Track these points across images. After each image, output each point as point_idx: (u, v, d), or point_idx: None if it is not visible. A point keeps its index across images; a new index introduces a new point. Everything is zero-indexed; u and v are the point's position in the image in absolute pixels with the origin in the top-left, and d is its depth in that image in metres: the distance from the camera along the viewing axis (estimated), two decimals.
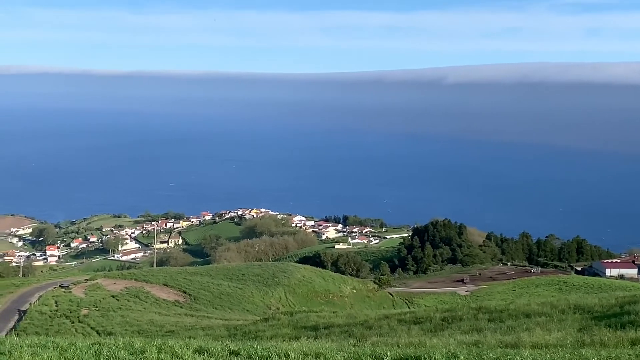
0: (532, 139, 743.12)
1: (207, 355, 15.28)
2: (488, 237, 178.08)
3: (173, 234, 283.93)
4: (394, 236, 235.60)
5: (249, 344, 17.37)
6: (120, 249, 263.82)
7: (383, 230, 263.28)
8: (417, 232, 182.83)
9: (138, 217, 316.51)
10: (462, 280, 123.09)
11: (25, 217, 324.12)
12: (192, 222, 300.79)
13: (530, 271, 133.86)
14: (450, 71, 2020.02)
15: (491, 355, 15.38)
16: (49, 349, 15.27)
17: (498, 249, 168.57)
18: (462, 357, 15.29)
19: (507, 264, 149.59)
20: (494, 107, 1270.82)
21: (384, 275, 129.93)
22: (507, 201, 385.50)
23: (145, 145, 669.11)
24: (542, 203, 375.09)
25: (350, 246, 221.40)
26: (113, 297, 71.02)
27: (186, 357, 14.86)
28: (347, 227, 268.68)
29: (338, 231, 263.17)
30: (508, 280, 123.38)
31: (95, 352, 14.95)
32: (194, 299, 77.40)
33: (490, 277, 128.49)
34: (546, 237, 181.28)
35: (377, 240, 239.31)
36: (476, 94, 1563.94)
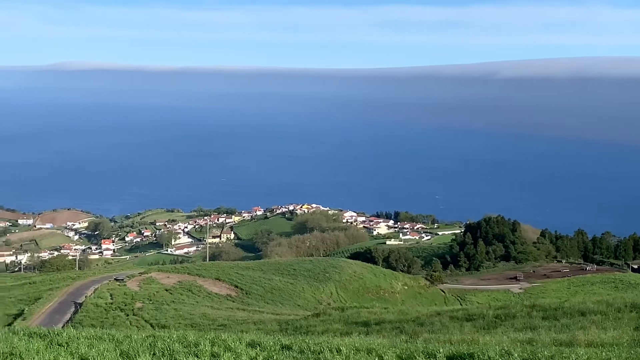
0: (587, 135, 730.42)
1: (260, 349, 15.36)
2: (542, 234, 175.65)
3: (225, 229, 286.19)
4: (446, 232, 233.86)
5: (300, 338, 17.40)
6: (173, 243, 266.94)
7: (435, 226, 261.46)
8: (469, 228, 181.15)
9: (191, 211, 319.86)
10: (515, 278, 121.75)
11: (81, 211, 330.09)
12: (244, 217, 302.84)
13: (586, 269, 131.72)
14: (502, 66, 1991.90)
15: (546, 353, 15.15)
16: (105, 341, 15.52)
17: (552, 246, 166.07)
18: (516, 354, 15.10)
19: (561, 262, 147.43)
20: (547, 102, 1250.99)
21: (435, 271, 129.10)
22: (562, 197, 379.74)
23: (197, 140, 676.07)
24: (597, 199, 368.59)
25: (402, 242, 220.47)
26: (166, 290, 71.91)
27: (239, 350, 14.96)
28: (399, 223, 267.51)
29: (389, 227, 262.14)
30: (563, 277, 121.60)
31: (150, 344, 15.15)
32: (246, 294, 77.93)
33: (545, 275, 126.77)
34: (602, 234, 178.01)
35: (429, 237, 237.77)
36: (529, 89, 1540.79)
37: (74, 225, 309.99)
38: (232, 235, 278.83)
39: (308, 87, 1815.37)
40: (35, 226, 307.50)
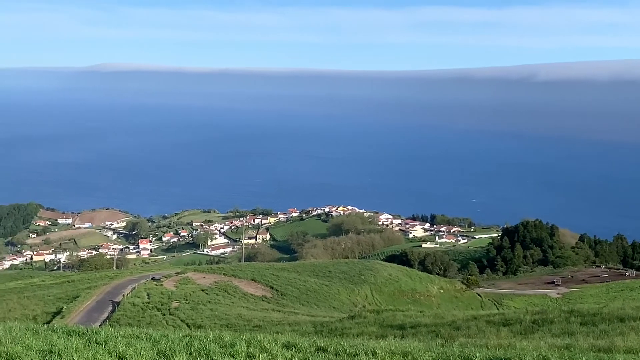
0: (626, 138, 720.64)
1: (295, 351, 15.39)
2: (581, 239, 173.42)
3: (261, 230, 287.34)
4: (483, 236, 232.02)
5: (336, 340, 17.40)
6: (209, 243, 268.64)
7: (471, 229, 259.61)
8: (506, 232, 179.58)
9: (227, 212, 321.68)
10: (553, 282, 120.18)
11: (119, 211, 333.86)
12: (280, 218, 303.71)
13: (625, 274, 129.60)
14: (541, 68, 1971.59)
15: (584, 359, 14.97)
16: (142, 339, 15.66)
17: (591, 251, 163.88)
18: None
19: (600, 267, 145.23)
20: (586, 105, 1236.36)
21: (472, 275, 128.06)
22: (601, 202, 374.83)
23: (233, 141, 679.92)
24: (637, 204, 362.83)
25: (438, 245, 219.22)
26: (202, 290, 72.26)
27: (274, 351, 15.00)
28: (435, 226, 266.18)
29: (425, 230, 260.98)
30: (601, 283, 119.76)
31: (186, 344, 15.26)
32: (281, 295, 78.03)
33: (583, 280, 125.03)
34: None
35: (465, 240, 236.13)
36: (568, 92, 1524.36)
37: (112, 224, 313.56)
38: (268, 237, 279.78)
39: (343, 89, 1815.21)
40: (74, 225, 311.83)
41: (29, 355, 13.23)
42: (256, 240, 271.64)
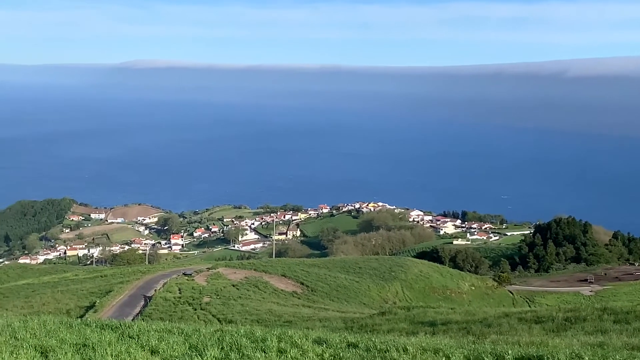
0: None
1: (326, 346, 15.39)
2: (614, 236, 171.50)
3: (291, 226, 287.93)
4: (515, 233, 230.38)
5: (366, 336, 17.39)
6: (240, 239, 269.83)
7: (503, 226, 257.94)
8: (539, 229, 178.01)
9: (257, 208, 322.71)
10: (586, 280, 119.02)
11: (151, 206, 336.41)
12: (310, 214, 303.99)
13: None
14: (573, 64, 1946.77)
15: (617, 357, 14.80)
16: (174, 334, 15.78)
17: (625, 249, 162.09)
18: (586, 358, 14.79)
19: (634, 264, 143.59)
20: (618, 101, 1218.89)
21: (503, 272, 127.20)
22: (635, 198, 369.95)
23: (264, 137, 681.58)
24: None
25: (469, 242, 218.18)
26: (233, 286, 72.58)
27: (305, 347, 15.02)
28: (466, 222, 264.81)
29: (456, 227, 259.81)
30: (635, 280, 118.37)
31: (218, 338, 15.34)
32: (311, 291, 78.11)
33: (616, 277, 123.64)
34: None
35: (497, 237, 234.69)
36: (601, 88, 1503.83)
37: (144, 220, 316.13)
38: (298, 233, 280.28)
39: (374, 85, 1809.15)
40: (107, 220, 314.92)
41: (63, 348, 13.38)
42: (287, 236, 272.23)
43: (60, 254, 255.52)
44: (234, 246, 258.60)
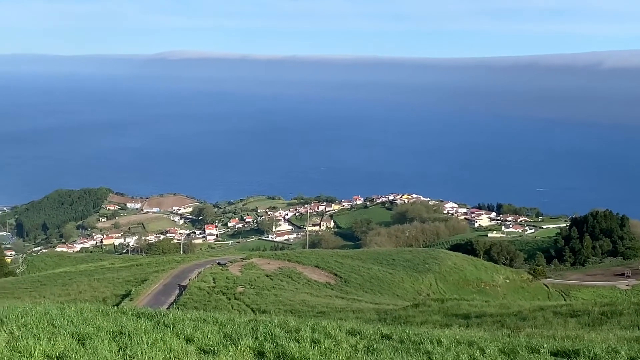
0: None
1: (360, 337, 15.39)
2: None
3: (325, 217, 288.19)
4: (550, 226, 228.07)
5: (400, 328, 17.35)
6: (274, 230, 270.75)
7: (539, 219, 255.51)
8: (575, 222, 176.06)
9: (291, 199, 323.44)
10: (623, 274, 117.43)
11: (186, 196, 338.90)
12: (344, 205, 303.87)
13: None
14: (609, 55, 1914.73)
15: None
16: (209, 323, 15.88)
17: None
18: (623, 352, 14.61)
19: None
20: None
21: (539, 265, 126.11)
22: None
23: (298, 128, 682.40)
24: None
25: (504, 235, 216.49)
26: (267, 276, 72.85)
27: (339, 338, 15.02)
28: (501, 215, 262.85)
29: (491, 219, 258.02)
30: None
31: (252, 328, 15.41)
32: (345, 282, 78.15)
33: None
34: None
35: (533, 230, 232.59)
36: (637, 79, 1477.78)
37: (179, 210, 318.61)
38: (332, 224, 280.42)
39: (409, 76, 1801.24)
40: (142, 210, 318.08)
41: (99, 336, 13.54)
42: (320, 227, 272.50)
43: (96, 242, 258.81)
44: (267, 237, 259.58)
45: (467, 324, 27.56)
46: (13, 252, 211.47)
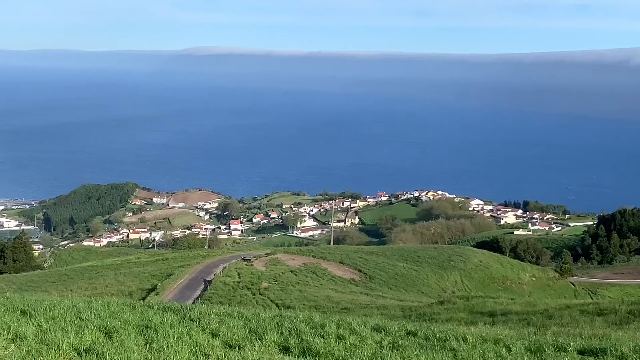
0: None
1: (385, 334, 15.38)
2: None
3: (349, 213, 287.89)
4: (578, 224, 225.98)
5: (425, 325, 17.31)
6: (298, 225, 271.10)
7: (566, 217, 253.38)
8: (602, 220, 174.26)
9: (316, 195, 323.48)
10: None
11: (211, 191, 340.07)
12: (369, 202, 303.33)
13: None
14: (637, 52, 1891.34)
15: None
16: (234, 317, 15.94)
17: None
18: None
19: None
20: None
21: (565, 263, 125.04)
22: None
23: (323, 124, 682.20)
24: None
25: (530, 232, 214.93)
26: (292, 272, 72.99)
27: (364, 334, 15.03)
28: (528, 212, 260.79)
29: (518, 217, 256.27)
30: None
31: (277, 323, 15.45)
32: (369, 278, 78.10)
33: None
34: None
35: (560, 228, 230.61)
36: None
37: (204, 205, 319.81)
38: (357, 220, 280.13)
39: (434, 73, 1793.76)
40: (168, 205, 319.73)
41: (126, 329, 13.64)
42: (345, 223, 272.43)
43: (123, 237, 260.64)
44: (292, 232, 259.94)
45: (493, 321, 27.46)
46: (41, 246, 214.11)
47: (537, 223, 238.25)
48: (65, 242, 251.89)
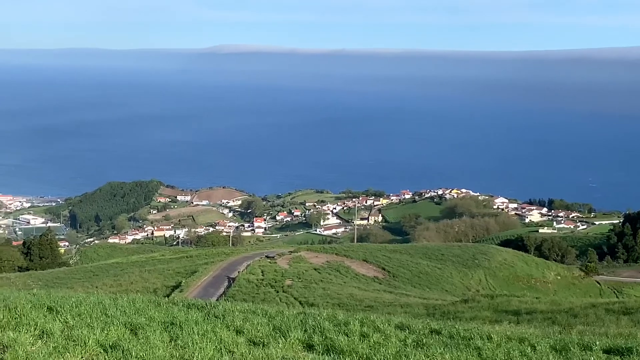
0: None
1: (409, 332, 15.34)
2: None
3: (373, 211, 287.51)
4: (603, 222, 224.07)
5: (449, 323, 17.25)
6: (322, 223, 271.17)
7: (591, 215, 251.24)
8: (628, 218, 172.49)
9: (339, 193, 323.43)
10: None
11: (235, 189, 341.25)
12: (392, 200, 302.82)
13: None
14: None
15: None
16: (258, 315, 15.99)
17: None
18: None
19: None
20: None
21: (591, 262, 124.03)
22: None
23: (347, 122, 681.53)
24: None
25: (555, 231, 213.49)
26: (315, 269, 73.04)
27: (388, 332, 15.00)
28: (553, 211, 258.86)
29: (542, 215, 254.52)
30: None
31: (301, 321, 15.47)
32: (393, 276, 77.95)
33: None
34: None
35: (585, 226, 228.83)
36: None
37: (228, 202, 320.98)
38: (380, 218, 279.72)
39: (458, 70, 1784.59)
40: (192, 203, 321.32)
41: (151, 326, 13.73)
42: (368, 221, 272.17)
43: (147, 234, 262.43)
44: (315, 230, 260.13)
45: (518, 320, 27.32)
46: (67, 243, 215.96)
47: (562, 221, 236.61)
48: (91, 239, 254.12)
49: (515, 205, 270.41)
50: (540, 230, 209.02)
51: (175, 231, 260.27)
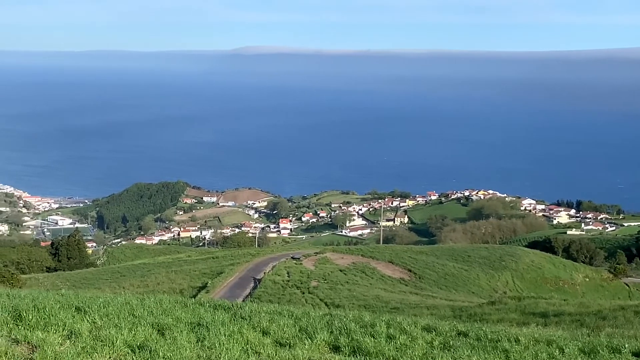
0: None
1: (435, 334, 15.27)
2: None
3: (399, 213, 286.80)
4: (632, 224, 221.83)
5: (477, 326, 17.14)
6: (347, 224, 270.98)
7: (620, 217, 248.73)
8: None
9: (365, 194, 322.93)
10: None
11: (261, 190, 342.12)
12: (418, 201, 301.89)
13: None
14: None
15: None
16: (284, 316, 16.00)
17: None
18: None
19: None
20: None
21: (619, 264, 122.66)
22: None
23: (373, 123, 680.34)
24: None
25: (584, 232, 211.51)
26: (341, 271, 72.94)
27: (415, 334, 14.95)
28: (581, 212, 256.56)
29: (570, 216, 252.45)
30: None
31: (327, 322, 15.45)
32: (419, 278, 77.62)
33: None
34: None
35: (614, 228, 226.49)
36: None
37: (254, 204, 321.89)
38: (406, 219, 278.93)
39: (484, 70, 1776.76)
40: (218, 204, 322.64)
41: (178, 327, 13.79)
42: (394, 222, 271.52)
43: (174, 235, 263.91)
44: (341, 231, 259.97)
45: (545, 322, 27.12)
46: (94, 244, 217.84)
47: (591, 223, 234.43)
48: (118, 240, 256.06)
49: (542, 206, 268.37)
50: (568, 232, 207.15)
51: (201, 232, 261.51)
